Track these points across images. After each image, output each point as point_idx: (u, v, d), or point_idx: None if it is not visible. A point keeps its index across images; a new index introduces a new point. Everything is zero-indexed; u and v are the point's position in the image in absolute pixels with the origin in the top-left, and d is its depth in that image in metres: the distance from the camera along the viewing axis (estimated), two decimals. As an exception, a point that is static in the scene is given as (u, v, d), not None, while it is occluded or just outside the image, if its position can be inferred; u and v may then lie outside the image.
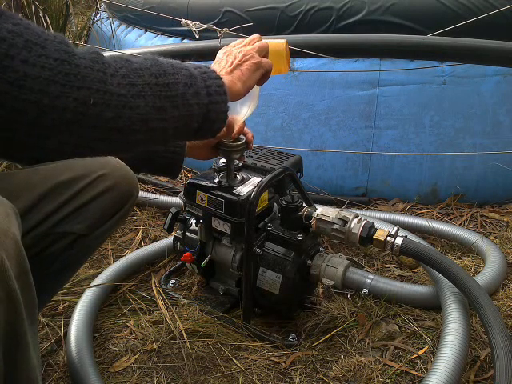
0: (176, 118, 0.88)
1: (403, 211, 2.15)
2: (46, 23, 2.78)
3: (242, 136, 1.40)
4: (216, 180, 1.49)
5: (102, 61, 0.78)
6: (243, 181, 1.50)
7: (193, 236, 1.60)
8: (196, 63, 0.98)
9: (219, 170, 1.53)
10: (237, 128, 1.32)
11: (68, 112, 0.73)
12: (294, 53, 1.67)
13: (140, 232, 2.03)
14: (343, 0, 2.09)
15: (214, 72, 0.97)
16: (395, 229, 1.43)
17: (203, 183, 1.48)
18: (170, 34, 2.61)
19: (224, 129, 1.26)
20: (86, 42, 3.19)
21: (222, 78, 0.97)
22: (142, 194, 2.19)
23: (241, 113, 1.30)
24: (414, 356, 1.41)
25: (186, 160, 1.41)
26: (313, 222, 1.44)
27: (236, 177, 1.51)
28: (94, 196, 1.19)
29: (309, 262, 1.49)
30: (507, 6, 1.90)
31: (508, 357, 1.14)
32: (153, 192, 2.31)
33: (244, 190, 1.45)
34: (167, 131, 0.88)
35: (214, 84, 0.94)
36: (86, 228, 1.18)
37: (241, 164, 1.59)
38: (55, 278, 1.23)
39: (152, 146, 0.92)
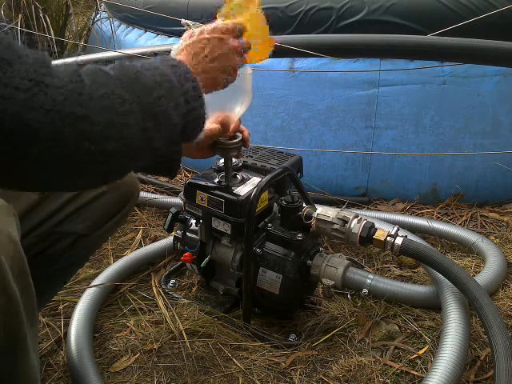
0: (160, 136, 0.83)
1: (403, 211, 2.15)
2: (46, 23, 2.78)
3: (238, 133, 1.40)
4: (216, 180, 1.49)
5: (81, 79, 0.72)
6: (243, 181, 1.50)
7: (193, 236, 1.60)
8: (167, 57, 0.94)
9: (219, 169, 1.53)
10: (232, 126, 1.32)
11: (38, 137, 0.66)
12: (295, 53, 1.67)
13: (140, 232, 2.03)
14: (343, 0, 2.09)
15: (189, 72, 0.91)
16: (395, 229, 1.43)
17: (203, 183, 1.48)
18: (170, 34, 2.61)
19: (219, 127, 1.30)
20: (86, 42, 3.19)
21: (196, 80, 0.91)
22: (142, 193, 2.19)
23: (235, 110, 1.31)
24: (414, 356, 1.41)
25: (187, 160, 1.42)
26: (313, 221, 1.44)
27: (236, 177, 1.51)
28: (96, 196, 1.19)
29: (309, 261, 1.49)
30: (507, 5, 1.90)
31: (508, 357, 1.14)
32: (153, 192, 2.31)
33: (244, 189, 1.45)
34: (152, 151, 0.84)
35: (190, 89, 0.89)
36: (87, 228, 1.18)
37: (241, 164, 1.59)
38: (56, 278, 1.23)
39: (132, 168, 0.88)
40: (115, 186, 1.23)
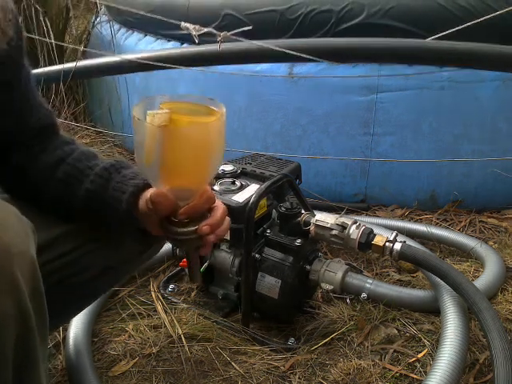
0: None
1: (402, 217, 2.15)
2: (47, 27, 2.78)
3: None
4: (215, 187, 1.49)
5: None
6: (242, 187, 1.50)
7: (192, 241, 1.59)
8: None
9: (217, 176, 1.54)
10: (193, 203, 0.85)
11: None
12: (293, 58, 1.67)
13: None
14: (343, 3, 2.08)
15: None
16: (394, 234, 1.43)
17: (202, 189, 1.48)
18: (170, 37, 2.60)
19: (150, 204, 0.87)
20: (85, 46, 3.18)
21: None
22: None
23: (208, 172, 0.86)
24: (413, 359, 1.41)
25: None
26: (311, 228, 1.44)
27: (235, 183, 1.51)
28: None
29: (307, 267, 1.49)
30: (507, 8, 1.90)
31: (507, 360, 1.14)
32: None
33: (243, 196, 1.45)
34: None
35: None
36: (116, 260, 1.16)
37: (240, 171, 1.58)
38: (76, 304, 1.21)
39: None
40: None
